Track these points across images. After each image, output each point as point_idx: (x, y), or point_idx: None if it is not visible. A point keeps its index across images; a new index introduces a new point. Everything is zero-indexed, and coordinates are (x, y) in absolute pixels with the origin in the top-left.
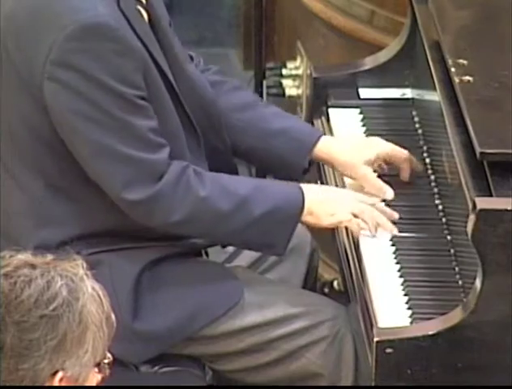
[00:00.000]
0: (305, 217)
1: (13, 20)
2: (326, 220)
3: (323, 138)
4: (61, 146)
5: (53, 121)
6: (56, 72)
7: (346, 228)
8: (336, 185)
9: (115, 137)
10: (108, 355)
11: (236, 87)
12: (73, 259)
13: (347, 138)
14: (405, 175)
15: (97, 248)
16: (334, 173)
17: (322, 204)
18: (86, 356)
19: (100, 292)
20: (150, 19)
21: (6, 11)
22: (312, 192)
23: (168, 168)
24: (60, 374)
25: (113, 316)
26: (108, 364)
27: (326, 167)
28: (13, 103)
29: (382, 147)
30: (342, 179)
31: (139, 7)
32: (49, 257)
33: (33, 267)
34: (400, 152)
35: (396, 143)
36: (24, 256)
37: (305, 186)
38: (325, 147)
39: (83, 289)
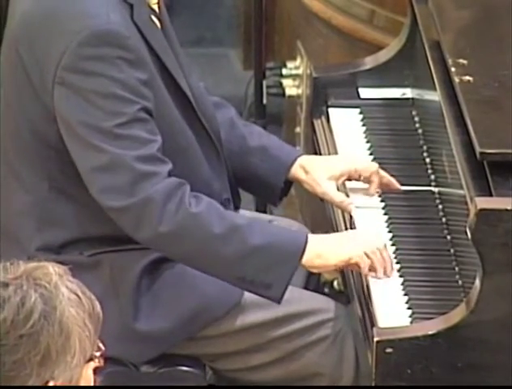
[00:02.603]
0: (314, 261)
1: (26, 26)
2: (335, 259)
3: (302, 157)
4: (66, 151)
5: (59, 127)
6: (67, 77)
7: (345, 225)
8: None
9: (114, 145)
10: (100, 345)
11: (215, 105)
12: (44, 266)
13: (323, 157)
14: (372, 189)
15: (98, 249)
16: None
17: (330, 245)
18: (74, 359)
19: (78, 291)
20: (162, 28)
21: (19, 17)
22: (318, 236)
23: (163, 180)
24: (51, 384)
25: (97, 307)
26: (101, 355)
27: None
28: (21, 107)
29: (348, 165)
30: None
31: (152, 16)
32: (21, 268)
33: (5, 285)
34: (368, 168)
35: (396, 143)
36: None
37: (312, 236)
38: (302, 166)
39: (59, 297)
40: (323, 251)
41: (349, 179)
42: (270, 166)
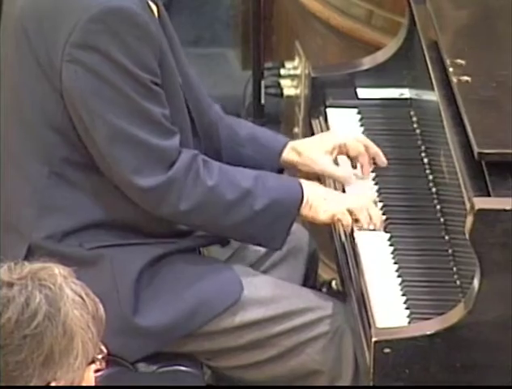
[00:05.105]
0: (304, 210)
1: (34, 4)
2: (322, 215)
3: (291, 142)
4: (72, 133)
5: (67, 106)
6: (77, 54)
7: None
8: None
9: (131, 121)
10: (102, 348)
11: None
12: (49, 267)
13: (312, 137)
14: (365, 171)
15: (100, 242)
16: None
17: (320, 198)
18: (77, 361)
19: (82, 293)
20: (158, 15)
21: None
22: (312, 187)
23: (178, 156)
24: (53, 385)
25: (100, 310)
26: (103, 357)
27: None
28: (28, 89)
29: (338, 138)
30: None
31: (149, 1)
32: (26, 268)
33: (10, 285)
34: (356, 146)
35: (394, 143)
36: (1, 273)
37: (304, 182)
38: (293, 149)
39: (64, 298)
40: (313, 203)
41: (341, 154)
42: (261, 154)
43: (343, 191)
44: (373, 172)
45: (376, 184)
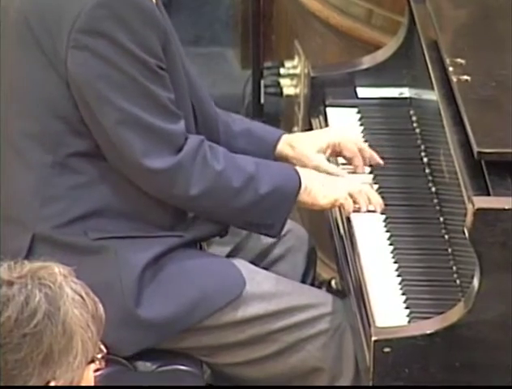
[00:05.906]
0: (303, 196)
1: None
2: (322, 200)
3: (286, 135)
4: (77, 122)
5: (74, 93)
6: (83, 39)
7: (342, 225)
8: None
9: (139, 104)
10: (102, 347)
11: None
12: (49, 267)
13: (308, 132)
14: (359, 171)
15: (104, 232)
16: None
17: (318, 183)
18: (76, 360)
19: (82, 292)
20: (156, 4)
21: None
22: (308, 172)
23: (186, 140)
24: (52, 384)
25: (100, 309)
26: (103, 357)
27: None
28: (32, 80)
29: (333, 137)
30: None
31: None
32: (26, 267)
33: (10, 283)
34: (352, 147)
35: (394, 143)
36: (1, 272)
37: (299, 168)
38: (287, 143)
39: (64, 297)
40: (313, 188)
41: (335, 153)
42: (256, 147)
43: None
44: (371, 172)
45: (375, 183)
